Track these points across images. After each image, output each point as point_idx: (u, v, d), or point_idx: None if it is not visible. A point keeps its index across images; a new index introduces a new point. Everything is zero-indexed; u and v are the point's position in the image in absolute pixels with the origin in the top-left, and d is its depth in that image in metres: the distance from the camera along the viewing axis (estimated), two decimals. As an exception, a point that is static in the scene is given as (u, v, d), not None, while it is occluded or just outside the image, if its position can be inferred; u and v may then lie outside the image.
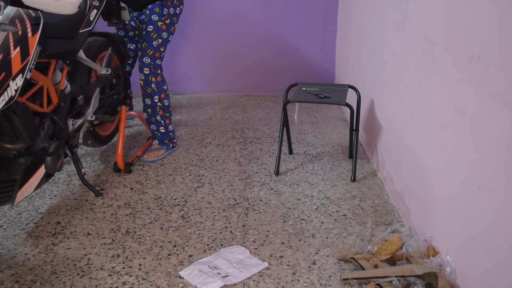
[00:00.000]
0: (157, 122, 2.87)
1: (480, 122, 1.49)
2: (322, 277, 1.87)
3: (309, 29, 3.77)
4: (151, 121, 2.89)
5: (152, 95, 2.81)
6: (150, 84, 2.79)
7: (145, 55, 2.74)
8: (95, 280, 1.87)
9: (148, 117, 2.88)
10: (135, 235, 2.13)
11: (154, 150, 2.87)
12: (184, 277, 1.87)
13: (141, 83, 2.81)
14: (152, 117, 2.86)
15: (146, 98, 2.84)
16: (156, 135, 2.90)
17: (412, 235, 1.94)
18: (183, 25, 3.69)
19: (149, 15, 2.68)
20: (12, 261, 1.98)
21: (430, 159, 1.90)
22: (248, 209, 2.32)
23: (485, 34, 1.45)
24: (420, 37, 1.99)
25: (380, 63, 2.58)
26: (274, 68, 3.88)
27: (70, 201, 2.41)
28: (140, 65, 2.77)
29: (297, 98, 2.56)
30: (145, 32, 2.71)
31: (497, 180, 1.40)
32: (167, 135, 2.90)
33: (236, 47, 3.82)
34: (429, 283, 1.70)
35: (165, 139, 2.90)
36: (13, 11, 1.77)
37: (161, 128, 2.88)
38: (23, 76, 1.76)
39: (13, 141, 1.86)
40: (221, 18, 3.72)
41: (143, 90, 2.82)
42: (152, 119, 2.87)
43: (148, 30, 2.70)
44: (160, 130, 2.89)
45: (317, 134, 3.17)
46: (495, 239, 1.41)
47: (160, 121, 2.87)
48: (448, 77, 1.72)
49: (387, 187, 2.46)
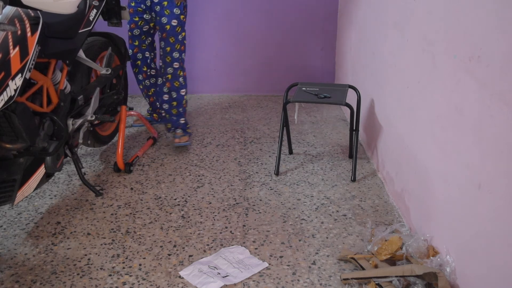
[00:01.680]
0: (179, 114, 2.99)
1: (480, 122, 1.49)
2: (322, 277, 1.86)
3: (309, 29, 3.77)
4: (172, 113, 2.98)
5: (179, 88, 2.92)
6: (178, 78, 2.89)
7: (174, 50, 2.81)
8: (95, 280, 1.87)
9: (169, 109, 2.97)
10: (135, 235, 2.13)
11: (181, 137, 2.97)
12: (184, 277, 1.87)
13: (168, 77, 2.87)
14: (175, 109, 2.97)
15: (172, 92, 2.92)
16: (178, 124, 3.01)
17: (412, 235, 1.94)
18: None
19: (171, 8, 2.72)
20: (12, 261, 1.98)
21: (430, 159, 1.90)
22: (248, 209, 2.32)
23: (485, 34, 1.45)
24: (420, 37, 1.99)
25: (380, 63, 2.58)
26: (274, 68, 3.88)
27: (70, 201, 2.41)
28: (170, 60, 2.83)
29: (297, 98, 2.56)
30: (169, 27, 2.75)
31: (497, 180, 1.40)
32: (186, 125, 3.03)
33: (236, 47, 3.81)
34: (429, 283, 1.70)
35: (187, 128, 3.04)
36: (12, 11, 1.77)
37: (182, 120, 3.00)
38: (22, 75, 1.76)
39: (12, 141, 1.86)
40: (221, 18, 3.72)
41: (170, 83, 2.90)
42: (173, 111, 2.97)
43: (173, 25, 2.75)
44: (180, 122, 3.00)
45: (317, 134, 3.17)
46: (495, 239, 1.41)
47: (182, 113, 3.00)
48: (448, 77, 1.71)
49: (387, 187, 2.46)
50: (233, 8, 3.70)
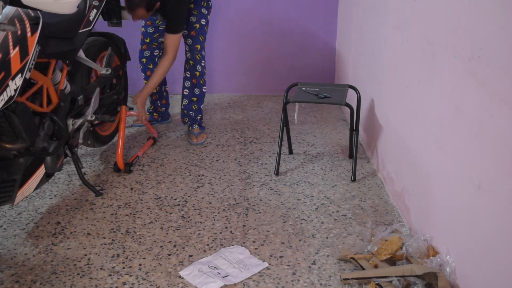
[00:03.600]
0: (199, 110, 3.11)
1: (480, 122, 1.49)
2: (322, 277, 1.86)
3: (309, 29, 3.77)
4: (192, 108, 3.09)
5: (203, 85, 3.05)
6: (203, 76, 3.02)
7: (203, 48, 2.94)
8: (95, 280, 1.87)
9: (189, 104, 3.07)
10: (135, 235, 2.13)
11: (199, 134, 3.07)
12: (184, 277, 1.87)
13: (197, 74, 2.99)
14: (195, 105, 3.08)
15: (196, 88, 3.03)
16: (196, 120, 3.11)
17: (412, 235, 1.94)
18: (183, 25, 3.70)
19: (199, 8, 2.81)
20: (12, 261, 1.98)
21: (430, 159, 1.90)
22: (248, 209, 2.32)
23: (485, 34, 1.45)
24: (420, 37, 1.99)
25: (380, 63, 2.58)
26: (274, 68, 3.88)
27: (70, 201, 2.41)
28: (199, 57, 2.94)
29: (297, 98, 2.56)
30: (199, 26, 2.86)
31: (497, 180, 1.40)
32: (201, 120, 3.15)
33: (236, 47, 3.82)
34: (429, 283, 1.70)
35: (202, 123, 3.16)
36: (12, 11, 1.77)
37: (199, 116, 3.12)
38: (22, 75, 1.76)
39: (12, 141, 1.86)
40: (221, 18, 3.72)
41: (197, 80, 3.02)
42: (194, 107, 3.09)
43: (202, 24, 2.87)
44: (197, 118, 3.12)
45: (317, 134, 3.17)
46: (495, 239, 1.41)
47: (201, 110, 3.12)
48: (448, 77, 1.71)
49: (387, 187, 2.46)
50: (233, 8, 3.70)
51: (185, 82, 3.04)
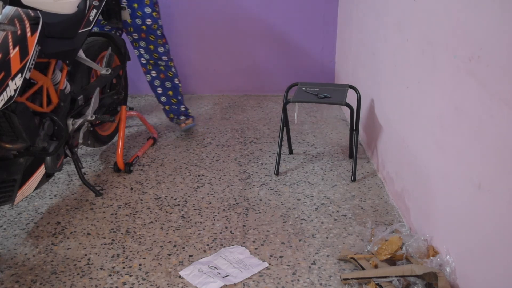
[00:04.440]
0: (179, 102, 3.14)
1: (480, 122, 1.49)
2: (322, 277, 1.86)
3: (309, 29, 3.77)
4: (171, 102, 3.11)
5: (173, 78, 3.06)
6: (171, 68, 3.03)
7: (158, 46, 2.91)
8: (95, 280, 1.87)
9: (168, 100, 3.10)
10: (135, 235, 2.13)
11: (186, 120, 3.16)
12: (184, 277, 1.87)
13: (161, 68, 2.99)
14: (174, 98, 3.11)
15: (167, 82, 3.05)
16: (180, 111, 3.16)
17: (412, 235, 1.94)
18: (183, 26, 3.69)
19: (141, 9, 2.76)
20: (12, 261, 1.98)
21: (430, 159, 1.90)
22: (248, 209, 2.32)
23: (485, 34, 1.45)
24: (420, 37, 1.99)
25: (380, 63, 2.58)
26: (274, 68, 3.88)
27: (70, 201, 2.41)
28: (157, 56, 2.93)
29: (297, 98, 2.56)
30: (145, 27, 2.80)
31: (497, 180, 1.40)
32: (187, 110, 3.19)
33: (236, 47, 3.81)
34: (429, 283, 1.70)
35: (188, 113, 3.19)
36: (12, 11, 1.78)
37: (182, 107, 3.15)
38: (22, 75, 1.76)
39: (12, 141, 1.86)
40: (221, 18, 3.72)
41: (164, 74, 3.03)
42: (173, 100, 3.11)
43: (148, 24, 2.80)
44: (181, 109, 3.15)
45: (317, 134, 3.17)
46: (495, 239, 1.41)
47: (181, 100, 3.15)
48: (448, 77, 1.71)
49: (387, 187, 2.46)
50: (233, 8, 3.70)
51: (154, 82, 3.03)
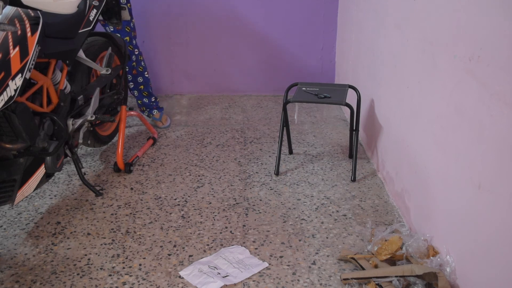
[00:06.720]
0: (150, 95, 3.24)
1: (480, 122, 1.49)
2: (322, 277, 1.86)
3: (309, 29, 3.77)
4: (143, 96, 3.22)
5: (143, 72, 3.16)
6: (140, 63, 3.12)
7: (132, 38, 3.02)
8: (95, 280, 1.87)
9: (140, 94, 3.21)
10: (135, 235, 2.13)
11: (162, 117, 3.28)
12: (184, 277, 1.87)
13: (133, 64, 3.09)
14: (145, 91, 3.22)
15: (139, 77, 3.15)
16: (152, 105, 3.27)
17: (412, 235, 1.94)
18: (183, 25, 3.69)
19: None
20: (12, 261, 1.98)
21: (430, 159, 1.90)
22: (248, 209, 2.32)
23: (485, 34, 1.45)
24: (420, 37, 1.99)
25: (380, 63, 2.58)
26: (274, 68, 3.88)
27: (70, 201, 2.41)
28: (131, 48, 3.02)
29: (297, 98, 2.56)
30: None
31: (497, 180, 1.40)
32: (157, 100, 3.30)
33: (236, 47, 3.81)
34: (429, 283, 1.70)
35: (158, 104, 3.30)
36: (12, 11, 1.78)
37: (153, 98, 3.26)
38: (22, 75, 1.76)
39: (12, 141, 1.86)
40: (221, 18, 3.72)
41: (135, 69, 3.12)
42: (144, 94, 3.22)
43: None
44: (152, 100, 3.26)
45: (317, 134, 3.17)
46: (495, 239, 1.41)
47: (152, 93, 3.25)
48: (448, 77, 1.71)
49: (387, 187, 2.46)
50: (233, 8, 3.70)
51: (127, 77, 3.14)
